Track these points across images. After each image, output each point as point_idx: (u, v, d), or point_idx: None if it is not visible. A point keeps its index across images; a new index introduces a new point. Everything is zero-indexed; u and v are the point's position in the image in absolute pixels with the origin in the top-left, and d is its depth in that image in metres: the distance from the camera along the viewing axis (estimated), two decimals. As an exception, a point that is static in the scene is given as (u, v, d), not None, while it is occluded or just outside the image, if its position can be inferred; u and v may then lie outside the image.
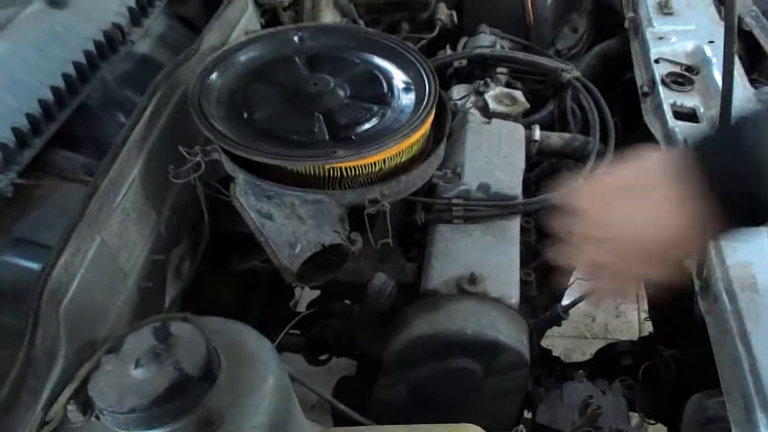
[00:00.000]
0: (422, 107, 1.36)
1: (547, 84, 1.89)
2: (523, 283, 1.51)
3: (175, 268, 1.42)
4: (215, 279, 1.54)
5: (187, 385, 0.84)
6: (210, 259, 1.46)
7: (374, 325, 1.50)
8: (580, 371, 2.08)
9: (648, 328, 2.16)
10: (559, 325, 1.90)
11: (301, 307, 1.77)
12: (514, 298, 1.38)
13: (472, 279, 1.35)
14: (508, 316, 1.34)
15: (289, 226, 1.30)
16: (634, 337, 3.05)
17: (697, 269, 1.35)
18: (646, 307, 3.14)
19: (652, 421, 1.88)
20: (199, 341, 0.88)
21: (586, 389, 1.73)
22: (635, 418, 1.94)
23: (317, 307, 1.51)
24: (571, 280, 1.98)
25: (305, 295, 1.90)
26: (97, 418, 0.87)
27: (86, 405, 0.90)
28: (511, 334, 1.31)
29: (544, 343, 3.27)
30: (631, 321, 3.17)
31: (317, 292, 1.63)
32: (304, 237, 1.29)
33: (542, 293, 1.79)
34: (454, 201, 1.49)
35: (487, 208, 1.50)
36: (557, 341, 3.16)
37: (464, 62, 1.90)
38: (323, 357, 1.64)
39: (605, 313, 3.23)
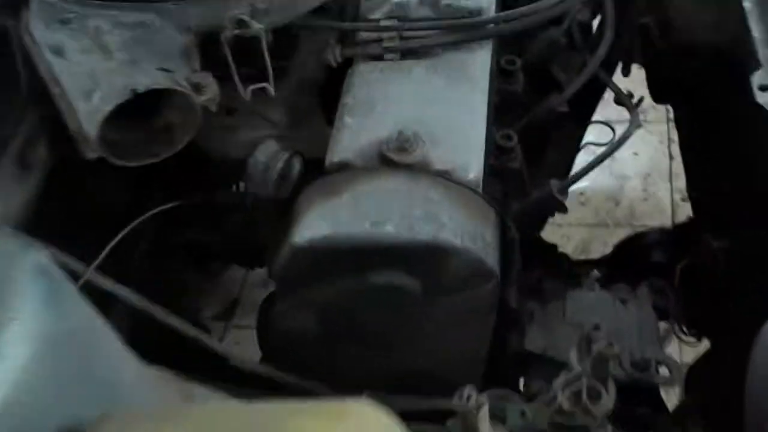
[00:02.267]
0: None
1: None
2: (500, 150, 0.98)
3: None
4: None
5: None
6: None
7: (276, 220, 0.99)
8: (593, 272, 1.57)
9: (686, 212, 1.61)
10: (562, 211, 1.38)
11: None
12: (473, 171, 0.85)
13: (403, 142, 0.83)
14: (461, 201, 0.81)
15: (86, 65, 0.78)
16: (667, 224, 2.56)
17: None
18: (681, 185, 2.62)
19: (688, 336, 1.37)
20: None
21: (598, 300, 1.23)
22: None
23: (188, 199, 0.99)
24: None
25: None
26: None
27: None
28: (463, 229, 0.79)
29: (557, 233, 2.75)
30: (663, 204, 2.63)
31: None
32: (106, 80, 0.76)
33: (538, 166, 1.28)
34: (384, 23, 0.95)
35: (437, 32, 0.95)
36: (573, 230, 2.65)
37: None
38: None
39: (631, 195, 2.69)
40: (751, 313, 1.04)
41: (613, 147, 1.08)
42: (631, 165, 2.78)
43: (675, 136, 2.79)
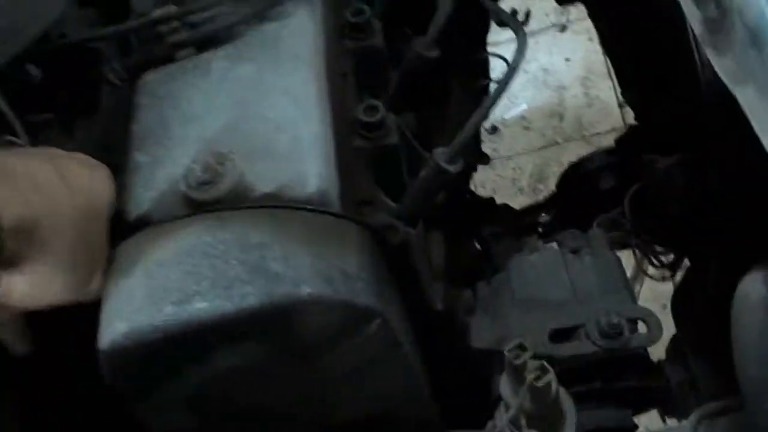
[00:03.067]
0: None
1: None
2: (366, 128, 0.75)
3: None
4: None
5: None
6: None
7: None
8: (536, 232, 1.36)
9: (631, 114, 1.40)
10: (484, 162, 1.16)
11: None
12: (313, 182, 0.62)
13: (205, 172, 0.60)
14: (300, 231, 0.59)
15: None
16: (618, 125, 2.35)
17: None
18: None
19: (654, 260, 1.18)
20: None
21: (544, 262, 1.02)
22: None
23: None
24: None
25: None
26: None
27: None
28: (309, 271, 0.57)
29: (508, 167, 2.51)
30: (610, 106, 2.42)
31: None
32: None
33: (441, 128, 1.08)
34: (159, 13, 0.71)
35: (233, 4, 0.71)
36: (524, 159, 2.45)
37: None
38: None
39: (573, 104, 2.48)
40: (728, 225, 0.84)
41: (505, 81, 0.84)
42: (565, 73, 2.56)
43: (604, 29, 2.59)
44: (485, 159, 1.27)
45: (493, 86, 1.08)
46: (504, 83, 0.81)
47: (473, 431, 0.75)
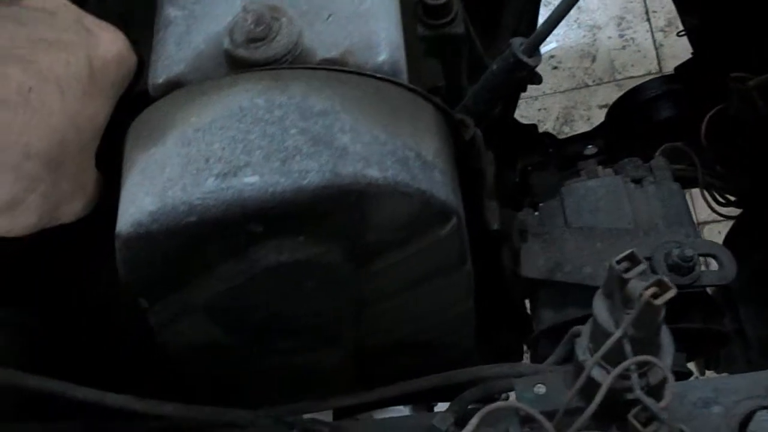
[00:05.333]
0: None
1: None
2: (429, 11, 0.64)
3: None
4: None
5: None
6: None
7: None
8: (589, 148, 1.25)
9: (673, 52, 1.27)
10: (536, 81, 1.05)
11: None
12: (385, 49, 0.51)
13: (255, 26, 0.48)
14: (372, 104, 0.48)
15: None
16: (654, 70, 2.22)
17: None
18: (660, 23, 2.27)
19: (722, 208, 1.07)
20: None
21: (604, 189, 0.91)
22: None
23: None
24: None
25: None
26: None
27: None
28: (382, 150, 0.46)
29: (533, 108, 2.41)
30: (646, 48, 2.29)
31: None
32: None
33: (492, 32, 0.98)
34: None
35: None
36: (550, 100, 2.32)
37: None
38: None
39: (607, 45, 2.35)
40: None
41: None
42: (600, 12, 2.42)
43: (644, -35, 2.44)
44: (537, 78, 1.15)
45: None
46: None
47: (535, 364, 0.66)
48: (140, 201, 0.45)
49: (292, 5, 0.51)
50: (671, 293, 0.45)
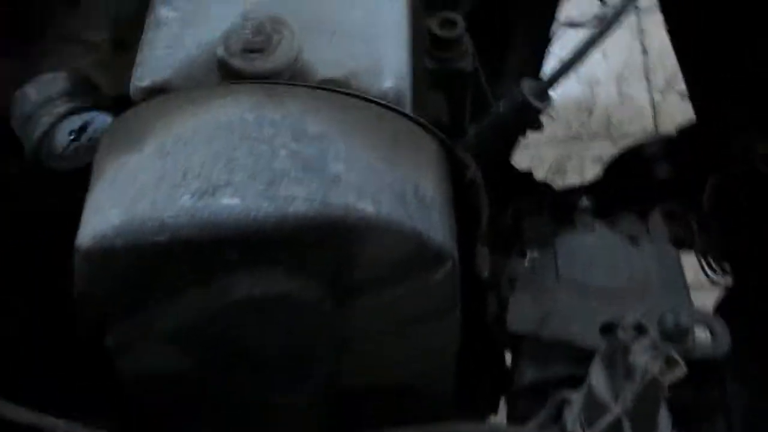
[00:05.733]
0: None
1: None
2: (438, 44, 0.61)
3: None
4: None
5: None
6: None
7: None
8: (583, 201, 1.22)
9: (669, 112, 1.26)
10: (536, 127, 1.02)
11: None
12: (390, 75, 0.47)
13: (254, 35, 0.44)
14: (370, 133, 0.44)
15: None
16: (648, 127, 2.22)
17: None
18: (660, 82, 2.28)
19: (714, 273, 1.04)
20: None
21: (600, 244, 0.88)
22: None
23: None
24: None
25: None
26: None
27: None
28: (377, 183, 0.42)
29: (526, 155, 2.41)
30: (642, 106, 2.29)
31: None
32: None
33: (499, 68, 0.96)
34: None
35: None
36: (544, 150, 2.30)
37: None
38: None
39: (605, 101, 2.35)
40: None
41: (605, 26, 0.70)
42: (601, 66, 2.42)
43: (647, 26, 2.46)
44: (540, 124, 1.13)
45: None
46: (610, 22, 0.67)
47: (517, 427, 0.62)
48: (106, 212, 0.41)
49: (296, 18, 0.47)
50: (680, 372, 0.41)
